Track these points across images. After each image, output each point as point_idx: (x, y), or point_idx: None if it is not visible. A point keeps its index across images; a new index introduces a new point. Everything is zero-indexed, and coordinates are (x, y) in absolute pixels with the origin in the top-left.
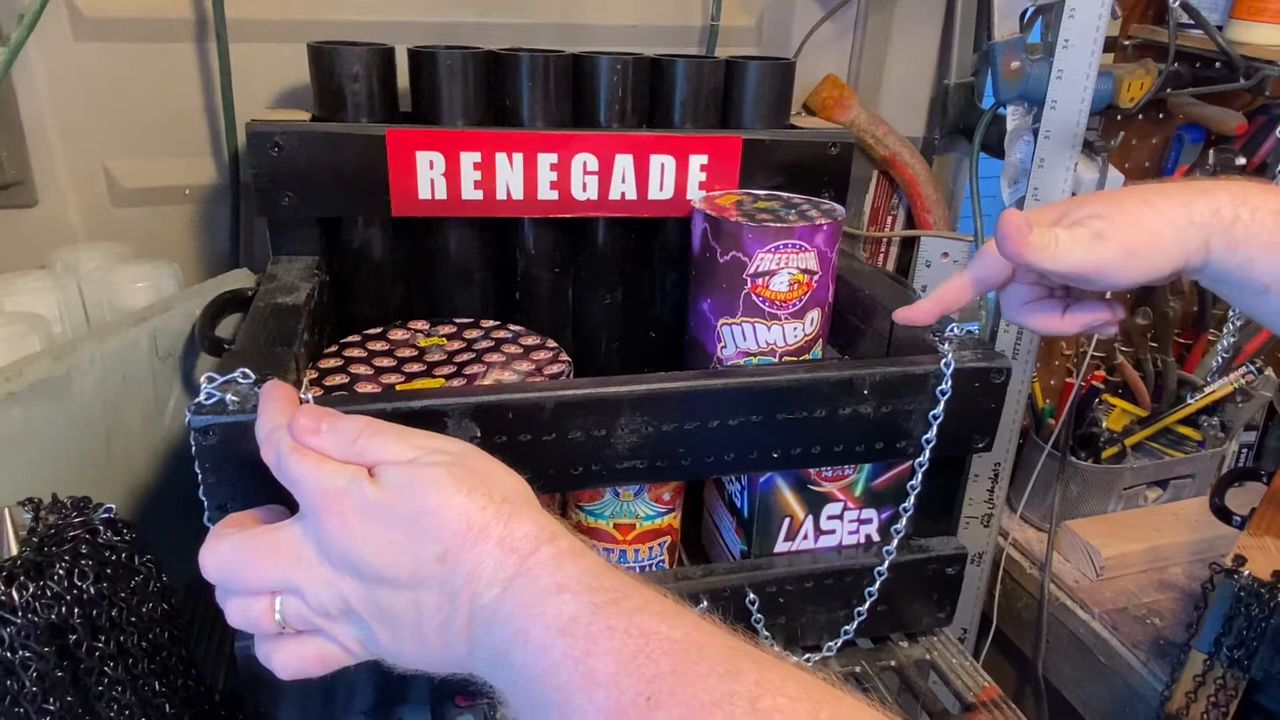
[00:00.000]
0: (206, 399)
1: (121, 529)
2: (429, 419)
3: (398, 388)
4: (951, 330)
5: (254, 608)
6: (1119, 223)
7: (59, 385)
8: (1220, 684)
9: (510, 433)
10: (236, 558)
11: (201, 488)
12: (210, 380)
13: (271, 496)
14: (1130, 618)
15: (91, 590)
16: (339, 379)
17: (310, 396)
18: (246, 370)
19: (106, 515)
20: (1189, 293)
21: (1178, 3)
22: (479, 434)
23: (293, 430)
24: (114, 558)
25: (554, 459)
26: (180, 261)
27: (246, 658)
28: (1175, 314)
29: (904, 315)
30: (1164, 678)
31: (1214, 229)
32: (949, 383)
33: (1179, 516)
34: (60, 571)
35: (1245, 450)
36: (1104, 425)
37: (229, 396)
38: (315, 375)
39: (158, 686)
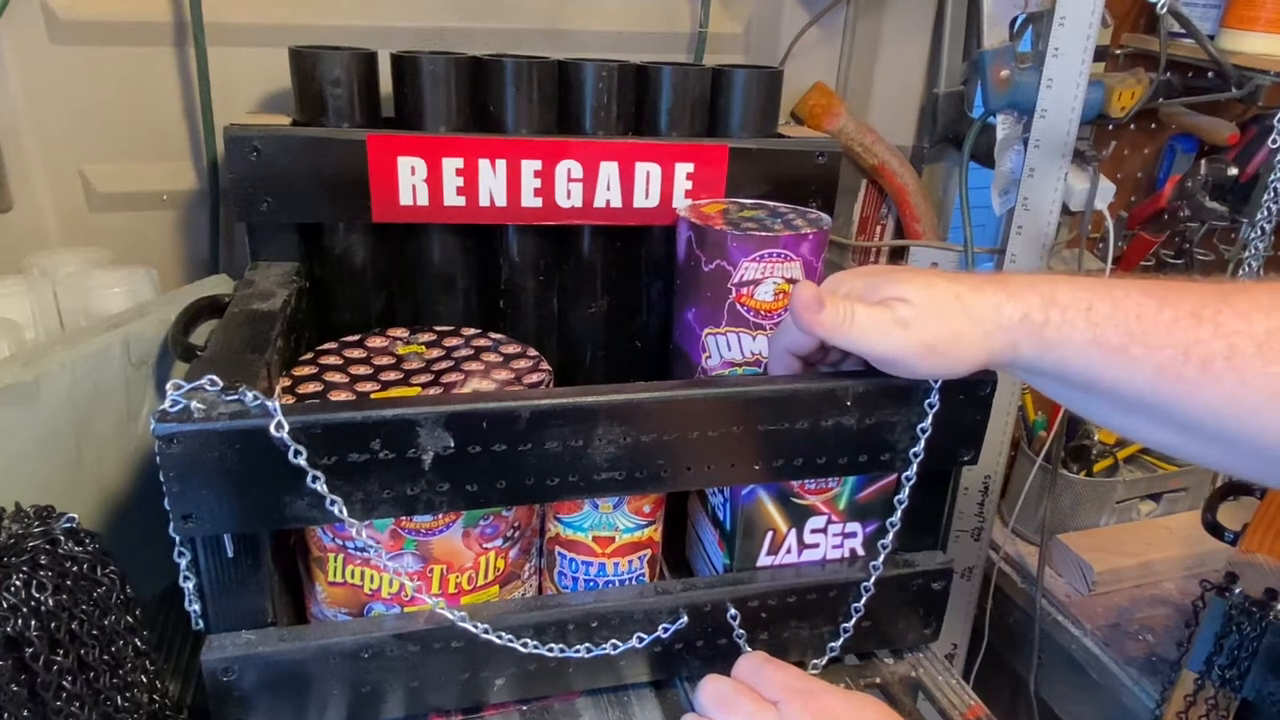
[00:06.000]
0: (171, 406)
1: (84, 539)
2: (401, 428)
3: (373, 396)
4: None
5: None
6: (926, 314)
7: (27, 391)
8: (1212, 704)
9: (484, 443)
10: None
11: (166, 497)
12: (177, 387)
13: (236, 508)
14: (1123, 634)
15: (50, 602)
16: (312, 387)
17: (279, 405)
18: (214, 377)
19: (68, 525)
20: None
21: (1165, 9)
22: (452, 444)
23: None
24: (75, 569)
25: (530, 470)
26: (159, 268)
27: (213, 670)
28: None
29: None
30: (1156, 696)
31: (1022, 333)
32: (937, 395)
33: (1172, 531)
34: (17, 583)
35: None
36: (1096, 438)
37: (194, 404)
38: (289, 383)
39: (120, 701)
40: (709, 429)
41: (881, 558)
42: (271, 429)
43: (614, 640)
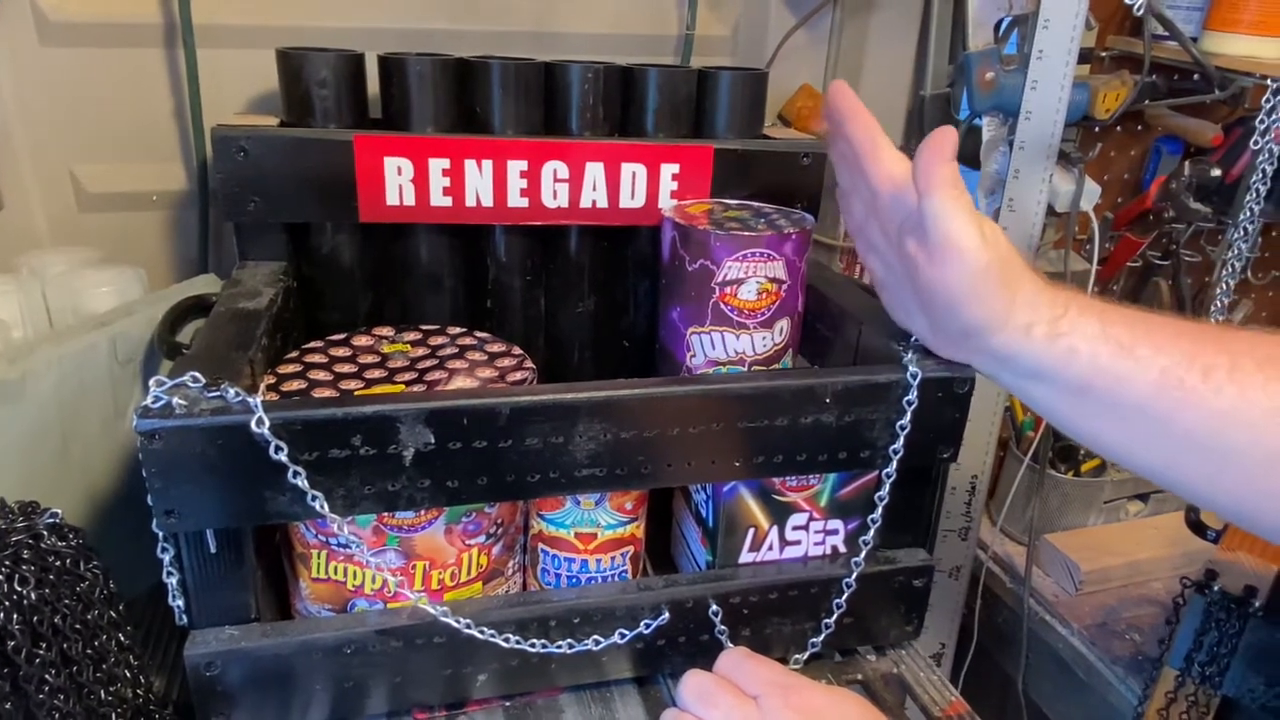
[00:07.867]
0: (154, 402)
1: (67, 534)
2: (381, 424)
3: (356, 393)
4: (917, 340)
5: None
6: (1001, 244)
7: (13, 389)
8: (1192, 700)
9: (465, 439)
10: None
11: (149, 493)
12: (159, 383)
13: (218, 504)
14: (1109, 633)
15: (33, 596)
16: (297, 384)
17: (260, 401)
18: (197, 374)
19: (52, 520)
20: (1167, 305)
21: (1142, 11)
22: (433, 440)
23: None
24: (58, 563)
25: (511, 466)
26: (149, 267)
27: (196, 665)
28: None
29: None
30: (1140, 694)
31: (1044, 315)
32: (915, 393)
33: (1160, 531)
34: (0, 577)
35: None
36: None
37: (176, 400)
38: (273, 381)
39: (103, 695)
40: (689, 426)
41: (863, 554)
42: (252, 425)
43: (596, 636)
